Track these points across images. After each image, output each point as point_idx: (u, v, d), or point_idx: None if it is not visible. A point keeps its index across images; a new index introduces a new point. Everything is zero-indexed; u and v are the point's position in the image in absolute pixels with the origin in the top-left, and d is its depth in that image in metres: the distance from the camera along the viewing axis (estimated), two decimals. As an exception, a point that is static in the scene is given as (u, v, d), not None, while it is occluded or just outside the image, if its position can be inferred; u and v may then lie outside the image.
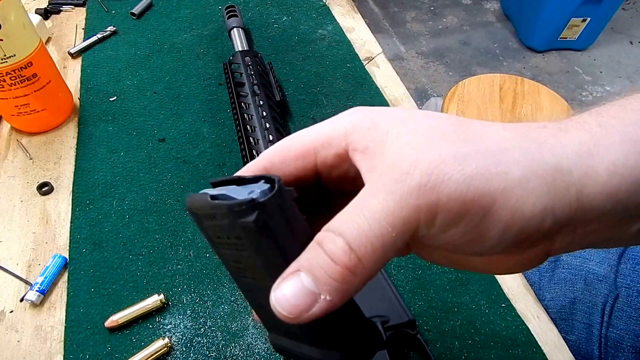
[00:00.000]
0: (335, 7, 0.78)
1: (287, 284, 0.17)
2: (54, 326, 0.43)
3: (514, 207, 0.17)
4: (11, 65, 0.50)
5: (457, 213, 0.17)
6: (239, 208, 0.17)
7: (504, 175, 0.17)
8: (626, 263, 0.45)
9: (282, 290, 0.17)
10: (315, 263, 0.17)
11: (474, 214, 0.17)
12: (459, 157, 0.17)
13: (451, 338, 0.42)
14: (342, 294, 0.17)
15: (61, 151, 0.57)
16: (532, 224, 0.17)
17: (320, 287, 0.17)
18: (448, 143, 0.18)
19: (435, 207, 0.17)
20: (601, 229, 0.19)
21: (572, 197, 0.17)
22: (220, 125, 0.59)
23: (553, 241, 0.19)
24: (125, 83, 0.65)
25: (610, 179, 0.17)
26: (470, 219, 0.17)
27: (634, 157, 0.17)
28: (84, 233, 0.49)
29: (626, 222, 0.19)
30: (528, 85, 1.17)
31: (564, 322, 0.45)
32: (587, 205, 0.17)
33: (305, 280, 0.17)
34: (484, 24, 2.24)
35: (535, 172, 0.17)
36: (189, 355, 0.41)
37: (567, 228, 0.18)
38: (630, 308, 0.42)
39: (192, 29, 0.73)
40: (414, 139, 0.18)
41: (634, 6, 2.32)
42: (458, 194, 0.17)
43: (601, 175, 0.17)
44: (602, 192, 0.17)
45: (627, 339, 0.42)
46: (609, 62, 2.05)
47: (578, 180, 0.17)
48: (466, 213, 0.17)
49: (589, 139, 0.18)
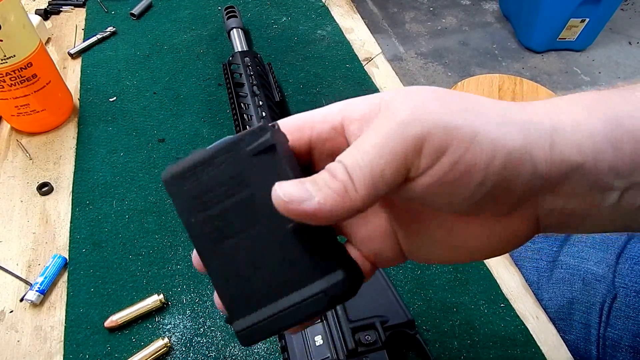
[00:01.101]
0: (334, 7, 0.78)
1: (291, 182, 0.19)
2: (54, 326, 0.43)
3: (495, 139, 0.18)
4: (11, 65, 0.50)
5: (441, 141, 0.18)
6: (250, 135, 0.20)
7: (483, 115, 0.19)
8: (624, 263, 0.45)
9: (285, 184, 0.19)
10: (319, 176, 0.19)
11: (459, 141, 0.18)
12: (443, 99, 0.19)
13: (450, 338, 0.42)
14: (333, 203, 0.19)
15: (61, 151, 0.57)
16: (514, 160, 0.19)
17: (317, 192, 0.19)
18: (431, 93, 0.20)
19: (421, 136, 0.18)
20: (578, 193, 0.20)
21: (545, 144, 0.19)
22: (219, 125, 0.59)
23: (537, 202, 0.21)
24: (125, 83, 0.65)
25: (574, 133, 0.19)
26: (456, 149, 0.18)
27: (594, 119, 0.19)
28: (83, 233, 0.49)
29: (601, 189, 0.20)
30: (527, 85, 1.17)
31: (562, 322, 0.45)
32: (559, 157, 0.19)
33: (307, 185, 0.19)
34: (483, 24, 2.24)
35: (510, 119, 0.19)
36: (189, 355, 0.41)
37: (547, 185, 0.19)
38: (628, 308, 0.43)
39: (192, 30, 0.74)
40: (400, 96, 0.20)
41: (632, 7, 2.32)
42: (442, 124, 0.18)
43: (567, 129, 0.19)
44: (569, 143, 0.19)
45: (625, 338, 0.42)
46: (607, 63, 2.05)
47: (549, 132, 0.19)
48: (450, 141, 0.18)
49: (553, 105, 0.20)
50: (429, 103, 0.19)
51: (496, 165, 0.19)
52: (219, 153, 0.21)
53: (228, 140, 0.21)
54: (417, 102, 0.19)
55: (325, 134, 0.22)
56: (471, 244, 0.23)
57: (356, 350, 0.35)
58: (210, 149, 0.21)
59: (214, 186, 0.21)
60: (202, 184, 0.21)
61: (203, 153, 0.21)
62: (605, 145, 0.19)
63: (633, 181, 0.19)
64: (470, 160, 0.18)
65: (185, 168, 0.21)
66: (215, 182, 0.21)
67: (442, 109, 0.19)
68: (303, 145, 0.23)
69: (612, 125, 0.19)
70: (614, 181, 0.19)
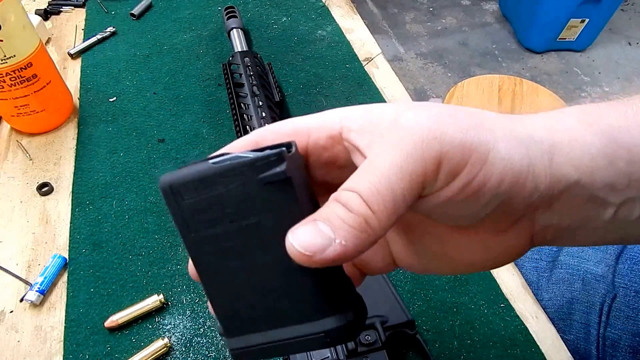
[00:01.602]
0: (334, 8, 0.78)
1: (304, 228, 0.18)
2: (54, 326, 0.43)
3: (505, 157, 0.18)
4: (11, 65, 0.50)
5: (459, 160, 0.18)
6: (264, 161, 0.18)
7: (491, 132, 0.19)
8: (624, 263, 0.45)
9: (299, 233, 0.18)
10: (332, 212, 0.18)
11: (474, 161, 0.18)
12: (453, 116, 0.19)
13: (450, 338, 0.42)
14: (357, 241, 0.17)
15: (61, 152, 0.57)
16: (520, 179, 0.19)
17: (336, 232, 0.17)
18: (439, 109, 0.20)
19: (439, 156, 0.18)
20: (574, 209, 0.20)
21: (545, 161, 0.19)
22: (219, 125, 0.59)
23: (534, 218, 0.21)
24: (124, 84, 0.65)
25: (571, 150, 0.19)
26: (471, 168, 0.18)
27: (590, 134, 0.19)
28: (83, 233, 0.49)
29: (597, 204, 0.20)
30: (527, 86, 1.17)
31: (562, 322, 0.45)
32: (557, 173, 0.19)
33: (322, 226, 0.17)
34: (483, 24, 2.24)
35: (514, 136, 0.19)
36: (189, 355, 0.41)
37: (544, 201, 0.20)
38: (628, 308, 0.43)
39: (192, 30, 0.74)
40: (409, 112, 0.19)
41: (632, 7, 2.32)
42: (458, 142, 0.18)
43: (564, 145, 0.19)
44: (567, 162, 0.19)
45: (624, 338, 0.42)
46: (607, 63, 2.05)
47: (548, 149, 0.19)
48: (467, 160, 0.18)
49: (551, 119, 0.20)
50: (443, 119, 0.19)
51: (505, 185, 0.19)
52: (227, 173, 0.19)
53: (239, 160, 0.18)
54: (431, 119, 0.19)
55: (323, 142, 0.21)
56: (465, 257, 0.23)
57: (356, 350, 0.35)
58: (217, 166, 0.19)
59: (219, 206, 0.19)
60: (206, 201, 0.19)
61: (208, 168, 0.19)
62: (601, 161, 0.19)
63: (628, 196, 0.19)
64: (482, 179, 0.18)
65: (187, 180, 0.19)
66: (221, 203, 0.19)
67: (457, 126, 0.19)
68: (300, 152, 0.22)
69: (607, 141, 0.19)
70: (609, 196, 0.19)
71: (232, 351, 0.21)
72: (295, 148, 0.19)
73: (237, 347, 0.21)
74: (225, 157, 0.19)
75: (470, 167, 0.18)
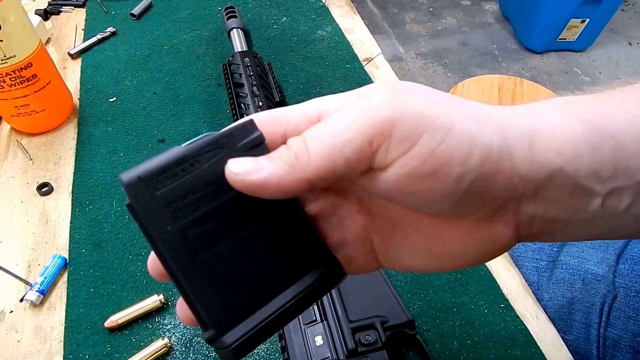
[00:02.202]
0: (334, 8, 0.78)
1: (245, 158, 0.19)
2: (54, 326, 0.43)
3: (473, 134, 0.18)
4: (11, 66, 0.50)
5: (414, 127, 0.18)
6: (239, 130, 0.19)
7: (461, 110, 0.19)
8: (624, 263, 0.45)
9: (239, 160, 0.19)
10: (275, 151, 0.20)
11: (434, 129, 0.18)
12: (421, 92, 0.19)
13: (450, 338, 0.42)
14: (281, 172, 0.18)
15: (61, 152, 0.57)
16: (492, 157, 0.18)
17: (269, 162, 0.19)
18: (409, 85, 0.20)
19: (392, 119, 0.18)
20: (560, 199, 0.19)
21: (524, 144, 0.18)
22: (219, 126, 0.59)
23: (519, 209, 0.20)
24: (124, 84, 0.65)
25: (553, 136, 0.19)
26: (430, 137, 0.18)
27: (573, 122, 0.19)
28: (83, 233, 0.49)
29: (583, 194, 0.19)
30: (527, 86, 1.17)
31: (562, 322, 0.45)
32: (539, 158, 0.18)
33: (261, 159, 0.19)
34: (483, 25, 2.24)
35: (489, 118, 0.19)
36: (189, 355, 0.41)
37: (528, 189, 0.19)
38: (629, 308, 0.43)
39: (192, 30, 0.74)
40: (377, 86, 0.20)
41: (632, 7, 2.32)
42: (416, 111, 0.18)
43: (545, 132, 0.19)
44: (549, 147, 0.18)
45: (625, 338, 0.42)
46: (607, 63, 2.05)
47: (527, 132, 0.19)
48: (424, 129, 0.18)
49: (531, 107, 0.20)
50: (406, 92, 0.19)
51: (474, 160, 0.18)
52: (202, 150, 0.19)
53: (215, 135, 0.19)
54: (393, 90, 0.19)
55: (302, 127, 0.21)
56: (449, 251, 0.22)
57: (356, 350, 0.35)
58: (194, 144, 0.19)
59: (200, 186, 0.19)
60: (185, 183, 0.18)
61: (181, 150, 0.19)
62: (585, 148, 0.18)
63: (615, 185, 0.19)
64: (446, 151, 0.18)
65: (162, 166, 0.18)
66: (201, 181, 0.19)
67: (419, 99, 0.19)
68: (278, 137, 0.22)
69: (591, 128, 0.19)
70: (595, 185, 0.19)
71: (228, 348, 0.19)
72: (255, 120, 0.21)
73: (233, 340, 0.19)
74: (198, 138, 0.19)
75: (429, 137, 0.18)
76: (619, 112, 0.19)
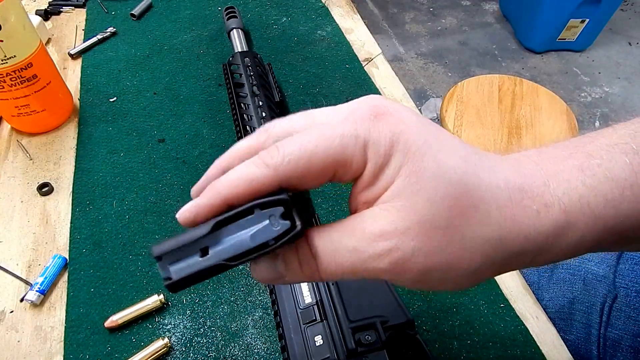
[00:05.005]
0: (334, 8, 0.78)
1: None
2: (54, 326, 0.43)
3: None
4: (11, 66, 0.50)
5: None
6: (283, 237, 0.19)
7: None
8: (625, 263, 0.45)
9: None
10: None
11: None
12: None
13: (450, 338, 0.42)
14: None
15: (61, 152, 0.57)
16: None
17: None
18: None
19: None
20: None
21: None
22: (219, 125, 0.59)
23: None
24: (125, 84, 0.65)
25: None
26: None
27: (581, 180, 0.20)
28: (83, 233, 0.49)
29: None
30: (527, 86, 1.17)
31: (562, 322, 0.45)
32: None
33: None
34: (483, 25, 2.24)
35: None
36: (189, 355, 0.41)
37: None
38: (629, 308, 0.43)
39: (192, 30, 0.74)
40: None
41: (632, 7, 2.32)
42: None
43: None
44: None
45: (625, 339, 0.42)
46: (607, 63, 2.05)
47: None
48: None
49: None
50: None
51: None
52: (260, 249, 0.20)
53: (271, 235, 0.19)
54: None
55: (348, 178, 0.21)
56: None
57: (356, 350, 0.35)
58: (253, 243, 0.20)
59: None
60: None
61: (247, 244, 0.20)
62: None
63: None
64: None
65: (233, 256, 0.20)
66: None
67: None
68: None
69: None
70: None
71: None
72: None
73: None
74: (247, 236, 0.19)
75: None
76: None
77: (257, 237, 0.19)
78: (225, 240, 0.20)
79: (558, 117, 1.10)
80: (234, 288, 0.45)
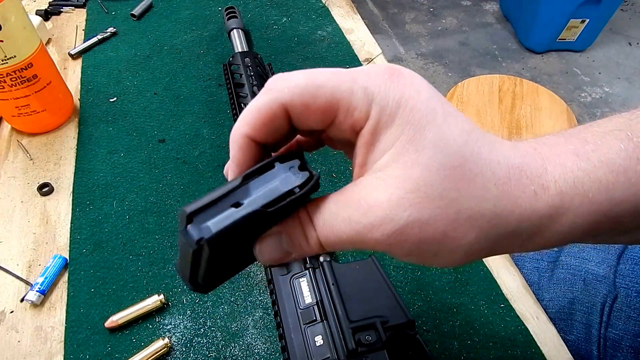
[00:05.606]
0: (334, 8, 0.78)
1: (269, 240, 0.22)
2: (54, 326, 0.43)
3: None
4: (12, 66, 0.50)
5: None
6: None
7: None
8: (625, 263, 0.45)
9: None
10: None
11: None
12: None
13: (450, 338, 0.42)
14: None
15: (61, 152, 0.57)
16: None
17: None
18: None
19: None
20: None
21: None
22: (220, 126, 0.59)
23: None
24: (125, 84, 0.65)
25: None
26: None
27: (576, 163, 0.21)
28: (84, 233, 0.49)
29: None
30: (527, 86, 1.17)
31: (563, 323, 0.45)
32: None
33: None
34: (483, 25, 2.24)
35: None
36: (189, 356, 0.41)
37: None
38: (629, 308, 0.43)
39: (192, 30, 0.74)
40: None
41: (632, 7, 2.32)
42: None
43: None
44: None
45: (625, 339, 0.42)
46: (607, 63, 2.05)
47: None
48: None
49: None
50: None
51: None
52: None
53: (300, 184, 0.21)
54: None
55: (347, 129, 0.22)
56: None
57: (356, 350, 0.35)
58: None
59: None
60: None
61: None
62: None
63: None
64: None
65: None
66: None
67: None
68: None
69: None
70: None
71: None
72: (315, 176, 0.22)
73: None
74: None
75: None
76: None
77: (283, 185, 0.21)
78: (255, 192, 0.21)
79: (558, 117, 1.10)
80: (234, 288, 0.45)
